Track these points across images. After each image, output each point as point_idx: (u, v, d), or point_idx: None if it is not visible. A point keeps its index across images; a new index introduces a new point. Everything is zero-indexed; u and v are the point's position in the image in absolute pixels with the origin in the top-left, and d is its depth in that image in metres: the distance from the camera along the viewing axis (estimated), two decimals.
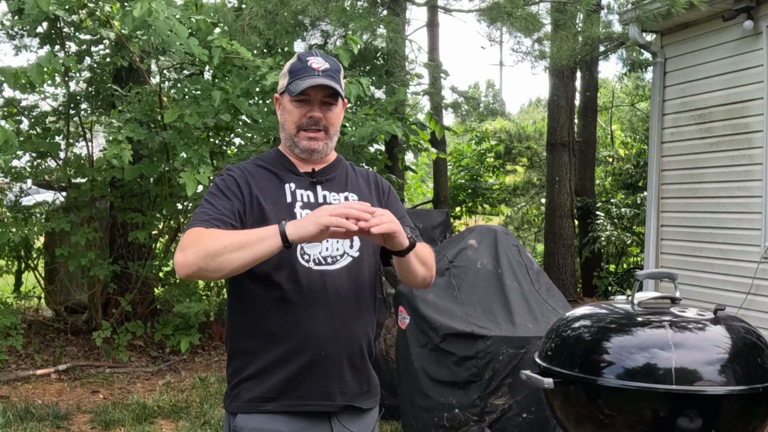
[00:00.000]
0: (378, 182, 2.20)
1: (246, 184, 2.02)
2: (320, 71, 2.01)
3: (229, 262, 1.80)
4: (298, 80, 2.01)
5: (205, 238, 1.84)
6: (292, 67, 2.06)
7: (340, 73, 2.09)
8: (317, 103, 2.02)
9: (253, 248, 1.80)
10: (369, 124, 6.09)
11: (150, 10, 5.17)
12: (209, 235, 1.85)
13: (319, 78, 1.99)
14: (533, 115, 29.73)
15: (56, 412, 5.18)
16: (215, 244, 1.82)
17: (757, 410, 2.53)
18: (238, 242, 1.82)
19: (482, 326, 4.07)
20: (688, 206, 6.65)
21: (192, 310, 6.48)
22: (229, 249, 1.80)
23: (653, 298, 2.88)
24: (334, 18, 6.77)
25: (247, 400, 1.99)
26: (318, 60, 2.04)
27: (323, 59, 2.05)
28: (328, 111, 2.04)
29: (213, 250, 1.81)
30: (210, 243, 1.82)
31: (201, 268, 1.82)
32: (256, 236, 1.82)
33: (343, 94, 2.06)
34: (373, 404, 2.12)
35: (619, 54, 10.78)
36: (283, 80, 2.07)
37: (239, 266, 1.82)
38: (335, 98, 2.04)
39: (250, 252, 1.80)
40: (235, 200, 1.97)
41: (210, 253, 1.81)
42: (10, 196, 7.27)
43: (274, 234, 1.79)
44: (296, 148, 2.06)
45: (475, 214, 15.51)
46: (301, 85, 1.99)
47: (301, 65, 2.03)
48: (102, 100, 7.20)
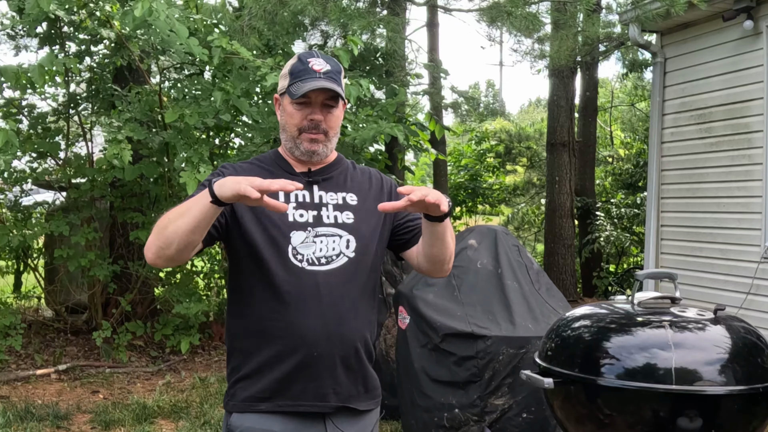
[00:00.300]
0: (381, 180, 2.18)
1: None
2: (321, 73, 2.00)
3: (175, 232, 1.81)
4: (299, 82, 2.00)
5: (160, 220, 1.88)
6: (292, 68, 2.04)
7: (341, 75, 2.08)
8: (318, 105, 2.01)
9: (190, 213, 1.80)
10: (370, 127, 6.08)
11: (151, 9, 5.17)
12: (163, 216, 1.88)
13: (320, 81, 1.99)
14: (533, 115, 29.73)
15: (56, 412, 5.18)
16: (163, 221, 1.85)
17: (757, 410, 2.54)
18: (178, 212, 1.84)
19: (482, 326, 4.07)
20: (688, 206, 6.65)
21: (192, 310, 6.48)
22: (172, 219, 1.83)
23: (653, 298, 2.88)
24: (333, 18, 6.77)
25: (242, 399, 2.00)
26: (319, 61, 2.03)
27: (324, 60, 2.04)
28: (328, 113, 2.03)
29: (162, 226, 1.85)
30: (160, 222, 1.87)
31: (156, 246, 1.85)
32: (192, 201, 1.83)
33: (344, 96, 2.05)
34: (372, 406, 2.11)
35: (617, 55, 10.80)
36: (284, 81, 2.06)
37: (184, 232, 1.81)
38: (336, 100, 2.03)
39: (188, 217, 1.80)
40: None
41: (160, 229, 1.84)
42: (10, 197, 7.27)
43: (204, 192, 1.79)
44: (297, 150, 2.05)
45: (475, 214, 15.51)
46: (302, 88, 1.98)
47: (302, 66, 2.02)
48: (102, 100, 7.20)
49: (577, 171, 11.49)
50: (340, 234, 2.01)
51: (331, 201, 2.06)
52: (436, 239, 1.98)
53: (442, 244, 2.00)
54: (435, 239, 1.98)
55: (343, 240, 2.01)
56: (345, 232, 2.02)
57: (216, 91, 5.91)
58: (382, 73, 8.20)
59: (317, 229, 2.00)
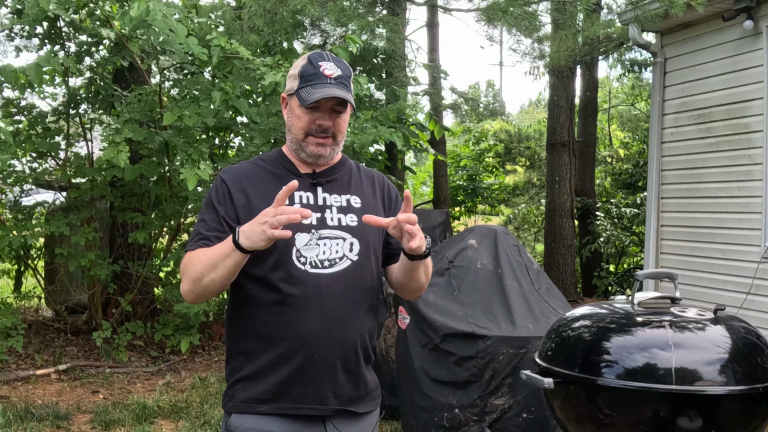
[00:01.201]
0: (385, 186, 2.17)
1: (239, 189, 2.02)
2: (332, 78, 1.97)
3: (212, 282, 1.90)
4: (309, 87, 1.97)
5: (189, 265, 1.95)
6: (303, 70, 2.01)
7: (351, 78, 2.06)
8: (327, 110, 1.99)
9: (222, 264, 1.87)
10: (370, 131, 6.08)
11: (148, 9, 5.16)
12: (191, 261, 1.95)
13: (331, 88, 1.96)
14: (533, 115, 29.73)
15: (56, 412, 5.18)
16: (195, 271, 1.92)
17: (757, 410, 2.54)
18: (209, 263, 1.89)
19: (482, 326, 4.07)
20: (688, 206, 6.65)
21: (192, 310, 6.48)
22: (205, 272, 1.90)
23: (653, 298, 2.88)
24: (332, 18, 6.76)
25: (242, 400, 1.99)
26: (330, 65, 2.00)
27: (335, 64, 2.01)
28: (337, 118, 2.01)
29: (195, 276, 1.92)
30: (191, 271, 1.93)
31: (197, 294, 1.95)
32: (219, 253, 1.88)
33: (352, 102, 2.02)
34: (372, 407, 2.10)
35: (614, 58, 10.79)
36: (293, 83, 2.03)
37: (221, 283, 1.91)
38: (345, 106, 2.01)
39: (221, 270, 1.88)
40: (222, 209, 2.00)
41: (194, 279, 1.92)
42: (10, 197, 7.27)
43: (231, 248, 1.85)
44: (303, 152, 2.04)
45: (474, 214, 15.51)
46: (313, 95, 1.95)
47: (312, 70, 1.99)
48: (102, 100, 7.20)
49: (577, 171, 11.49)
50: (344, 237, 2.00)
51: (335, 203, 2.04)
52: (407, 271, 2.02)
53: (412, 278, 2.04)
54: (407, 270, 2.02)
55: (347, 243, 2.00)
56: (349, 234, 2.01)
57: (215, 91, 5.90)
58: (381, 73, 8.20)
59: (321, 231, 1.99)
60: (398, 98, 7.28)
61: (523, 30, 7.41)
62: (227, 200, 2.00)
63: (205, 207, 2.04)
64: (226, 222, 1.98)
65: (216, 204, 2.01)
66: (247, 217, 1.95)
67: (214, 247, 1.92)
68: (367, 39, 7.41)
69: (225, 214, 1.99)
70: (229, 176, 2.04)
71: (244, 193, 2.01)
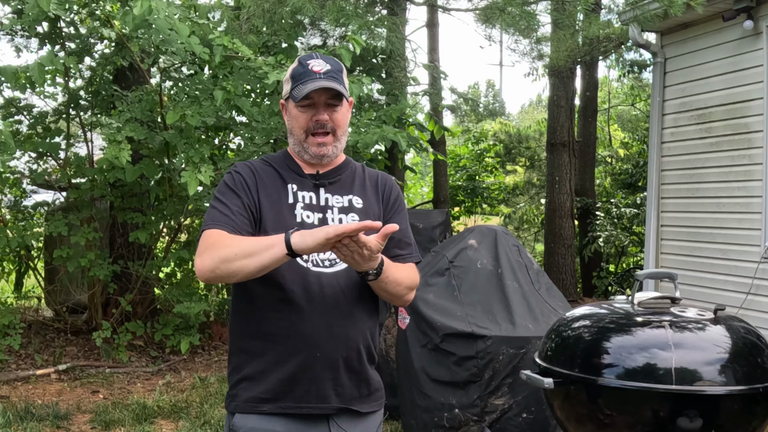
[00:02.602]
0: (386, 187, 2.17)
1: (253, 182, 2.04)
2: (321, 74, 2.01)
3: (241, 269, 1.86)
4: (300, 85, 2.01)
5: (219, 244, 1.90)
6: (293, 72, 2.06)
7: (343, 73, 2.08)
8: (322, 105, 2.02)
9: (261, 256, 1.84)
10: (373, 131, 6.08)
11: (150, 8, 5.17)
12: (222, 241, 1.91)
13: (320, 81, 1.99)
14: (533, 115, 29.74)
15: (56, 412, 5.18)
16: (227, 251, 1.87)
17: (757, 410, 2.54)
18: (248, 250, 1.86)
19: (482, 326, 4.07)
20: (688, 206, 6.65)
21: (192, 310, 6.48)
22: (240, 256, 1.86)
23: (653, 298, 2.88)
24: (331, 17, 6.75)
25: (245, 400, 2.00)
26: (318, 62, 2.04)
27: (324, 61, 2.05)
28: (333, 112, 2.04)
29: (225, 256, 1.87)
30: (223, 250, 1.88)
31: (217, 274, 1.89)
32: (263, 244, 1.86)
33: (347, 94, 2.05)
34: (375, 408, 2.11)
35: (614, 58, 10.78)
36: (287, 86, 2.07)
37: (250, 272, 1.87)
38: (339, 99, 2.03)
39: (258, 259, 1.84)
40: (244, 196, 2.00)
41: (223, 259, 1.87)
42: (10, 197, 7.27)
43: (280, 243, 1.82)
44: (306, 153, 2.06)
45: (474, 214, 15.51)
46: (303, 90, 1.99)
47: (302, 69, 2.03)
48: (102, 100, 7.20)
49: (577, 171, 11.49)
50: None
51: (336, 204, 2.06)
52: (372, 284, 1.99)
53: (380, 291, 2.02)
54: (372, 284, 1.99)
55: None
56: None
57: (217, 90, 5.91)
58: (381, 73, 8.20)
59: None
60: (398, 99, 7.29)
61: (521, 30, 7.39)
62: (247, 190, 2.02)
63: (224, 192, 2.02)
64: (251, 210, 1.99)
65: (237, 191, 2.01)
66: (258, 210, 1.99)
67: (258, 237, 1.91)
68: (366, 39, 7.41)
69: (249, 203, 2.00)
70: (244, 170, 2.07)
71: (257, 187, 2.03)
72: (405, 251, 2.11)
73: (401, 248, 2.10)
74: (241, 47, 5.68)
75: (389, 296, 2.06)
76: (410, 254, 2.12)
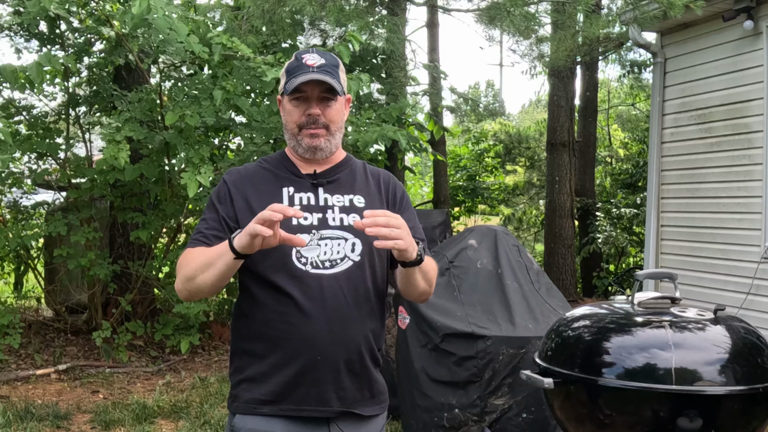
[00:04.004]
0: (390, 186, 2.14)
1: (239, 191, 2.02)
2: (315, 67, 1.98)
3: (204, 282, 1.90)
4: (292, 78, 1.99)
5: (183, 264, 1.96)
6: (288, 66, 2.04)
7: (339, 68, 2.05)
8: (315, 99, 1.99)
9: (215, 265, 1.88)
10: (373, 130, 6.08)
11: (149, 7, 5.17)
12: (185, 259, 1.97)
13: (312, 74, 1.97)
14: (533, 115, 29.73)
15: (56, 412, 5.18)
16: (189, 269, 1.94)
17: (757, 410, 2.53)
18: (204, 262, 1.90)
19: (482, 326, 4.06)
20: (688, 206, 6.65)
21: (192, 310, 6.48)
22: (199, 270, 1.91)
23: (653, 298, 2.88)
24: (331, 18, 6.75)
25: (245, 401, 1.99)
26: (313, 56, 2.01)
27: (319, 55, 2.02)
28: (326, 107, 2.00)
29: (189, 274, 1.93)
30: (186, 268, 1.95)
31: (188, 291, 1.96)
32: (215, 253, 1.89)
33: (341, 89, 2.01)
34: (378, 411, 2.09)
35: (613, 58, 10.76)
36: (282, 80, 2.06)
37: (212, 284, 1.91)
38: (333, 93, 2.00)
39: (214, 269, 1.88)
40: (222, 209, 2.02)
41: (188, 277, 1.94)
42: (9, 198, 7.27)
43: (226, 248, 1.85)
44: (300, 147, 2.03)
45: (474, 214, 15.50)
46: (294, 83, 1.97)
47: (296, 63, 2.02)
48: (101, 100, 7.20)
49: (577, 171, 11.49)
50: (346, 237, 1.98)
51: (337, 203, 2.03)
52: (404, 277, 1.98)
53: (410, 284, 2.00)
54: (404, 276, 1.98)
55: (349, 243, 1.98)
56: (351, 235, 1.99)
57: (217, 89, 5.90)
58: (381, 73, 8.20)
59: (322, 231, 1.97)
60: (398, 99, 7.28)
61: (522, 31, 7.40)
62: (228, 201, 2.02)
63: (207, 207, 2.06)
64: (226, 222, 2.00)
65: (217, 204, 2.03)
66: (246, 219, 1.94)
67: (212, 248, 1.93)
68: (366, 39, 7.41)
69: (225, 215, 2.00)
70: (231, 178, 2.06)
71: (245, 195, 2.01)
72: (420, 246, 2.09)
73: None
74: (240, 46, 5.68)
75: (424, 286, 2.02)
76: (426, 250, 2.08)
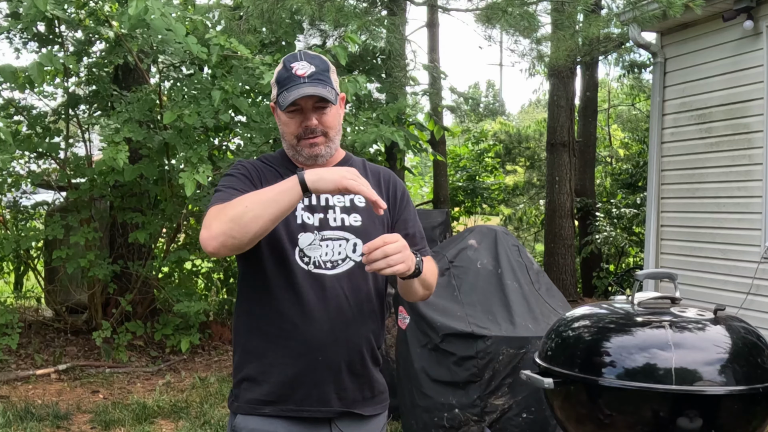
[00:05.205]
0: (390, 184, 2.12)
1: (256, 175, 2.00)
2: (306, 77, 1.94)
3: (255, 221, 1.75)
4: (285, 92, 1.95)
5: (227, 207, 1.81)
6: (278, 76, 2.00)
7: (329, 72, 2.01)
8: (310, 110, 1.96)
9: (276, 201, 1.76)
10: (371, 131, 6.07)
11: (146, 8, 5.17)
12: (230, 203, 1.82)
13: (305, 87, 1.93)
14: (533, 115, 29.74)
15: (56, 412, 5.18)
16: (237, 208, 1.78)
17: (757, 410, 2.53)
18: (260, 198, 1.78)
19: (482, 326, 4.06)
20: (688, 206, 6.65)
21: (192, 309, 6.48)
22: (251, 207, 1.76)
23: (653, 298, 2.88)
24: (330, 18, 6.74)
25: (246, 401, 1.98)
26: (302, 65, 1.97)
27: (308, 62, 1.98)
28: (322, 115, 1.98)
29: (236, 214, 1.77)
30: (232, 209, 1.79)
31: (228, 235, 1.77)
32: (276, 189, 1.79)
33: (334, 96, 1.98)
34: (379, 410, 2.09)
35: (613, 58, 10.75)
36: (274, 90, 2.02)
37: (265, 222, 1.77)
38: (327, 101, 1.97)
39: (273, 205, 1.76)
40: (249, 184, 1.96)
41: (234, 217, 1.77)
42: (9, 197, 7.27)
43: (294, 183, 1.77)
44: (300, 156, 2.02)
45: (473, 214, 15.50)
46: (288, 98, 1.93)
47: (286, 74, 1.97)
48: (101, 99, 7.20)
49: (577, 171, 11.49)
50: (347, 237, 1.98)
51: (338, 203, 2.02)
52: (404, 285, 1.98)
53: (409, 292, 2.01)
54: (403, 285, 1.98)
55: (350, 243, 1.98)
56: (352, 235, 1.98)
57: (215, 90, 5.90)
58: (381, 73, 8.20)
59: (323, 232, 1.97)
60: (397, 98, 7.28)
61: (522, 30, 7.39)
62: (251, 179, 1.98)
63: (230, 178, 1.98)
64: None
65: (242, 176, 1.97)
66: None
67: (265, 188, 1.84)
68: (366, 39, 7.41)
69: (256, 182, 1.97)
70: (248, 165, 2.03)
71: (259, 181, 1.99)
72: (420, 245, 2.08)
73: (416, 243, 2.06)
74: (239, 46, 5.68)
75: (423, 290, 2.02)
76: (425, 248, 2.09)
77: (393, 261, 1.75)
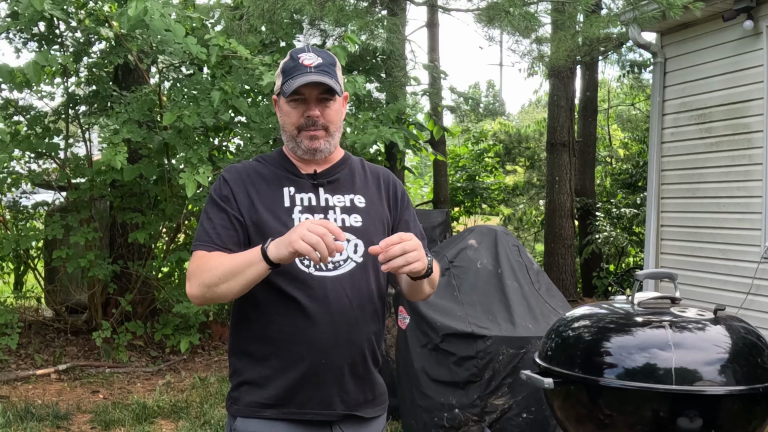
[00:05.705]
0: (390, 185, 2.11)
1: (241, 188, 1.97)
2: (312, 67, 1.93)
3: (229, 290, 1.85)
4: (290, 80, 1.94)
5: (202, 269, 1.88)
6: (284, 66, 1.99)
7: (336, 67, 2.00)
8: (313, 101, 1.95)
9: (243, 275, 1.82)
10: (371, 131, 6.07)
11: (145, 9, 5.16)
12: (204, 264, 1.88)
13: (311, 75, 1.92)
14: (533, 115, 29.75)
15: (56, 412, 5.18)
16: (211, 276, 1.85)
17: (757, 410, 2.53)
18: (230, 271, 1.84)
19: (482, 326, 4.06)
20: (688, 206, 6.65)
21: (192, 310, 6.48)
22: (223, 279, 1.84)
23: (653, 298, 2.88)
24: (330, 18, 6.74)
25: (247, 404, 1.95)
26: (310, 56, 1.96)
27: (316, 54, 1.97)
28: (325, 108, 1.96)
29: (210, 282, 1.86)
30: (206, 275, 1.87)
31: (206, 298, 1.89)
32: (244, 261, 1.83)
33: (339, 89, 1.97)
34: (379, 412, 2.07)
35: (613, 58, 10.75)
36: (278, 81, 2.01)
37: (237, 293, 1.86)
38: (331, 94, 1.96)
39: (242, 278, 1.82)
40: (229, 209, 1.95)
41: (208, 285, 1.86)
42: (9, 197, 7.27)
43: (259, 259, 1.79)
44: (299, 149, 1.99)
45: (473, 214, 15.49)
46: (292, 85, 1.92)
47: (293, 63, 1.96)
48: (101, 100, 7.20)
49: (577, 171, 11.49)
50: (348, 238, 1.95)
51: (338, 204, 2.00)
52: (411, 286, 1.97)
53: (416, 292, 2.00)
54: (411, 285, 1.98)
55: (351, 244, 1.96)
56: (353, 236, 1.96)
57: (215, 91, 5.90)
58: (381, 73, 8.20)
59: None
60: (397, 98, 7.29)
61: (522, 31, 7.39)
62: (232, 200, 1.96)
63: (210, 206, 1.99)
64: (237, 221, 1.94)
65: (221, 203, 1.96)
66: (252, 218, 1.93)
67: (237, 255, 1.87)
68: (366, 39, 7.41)
69: (235, 214, 1.95)
70: (231, 176, 2.00)
71: (247, 193, 1.97)
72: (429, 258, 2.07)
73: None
74: (238, 47, 5.68)
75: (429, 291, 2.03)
76: (426, 247, 2.08)
77: (411, 258, 1.76)
